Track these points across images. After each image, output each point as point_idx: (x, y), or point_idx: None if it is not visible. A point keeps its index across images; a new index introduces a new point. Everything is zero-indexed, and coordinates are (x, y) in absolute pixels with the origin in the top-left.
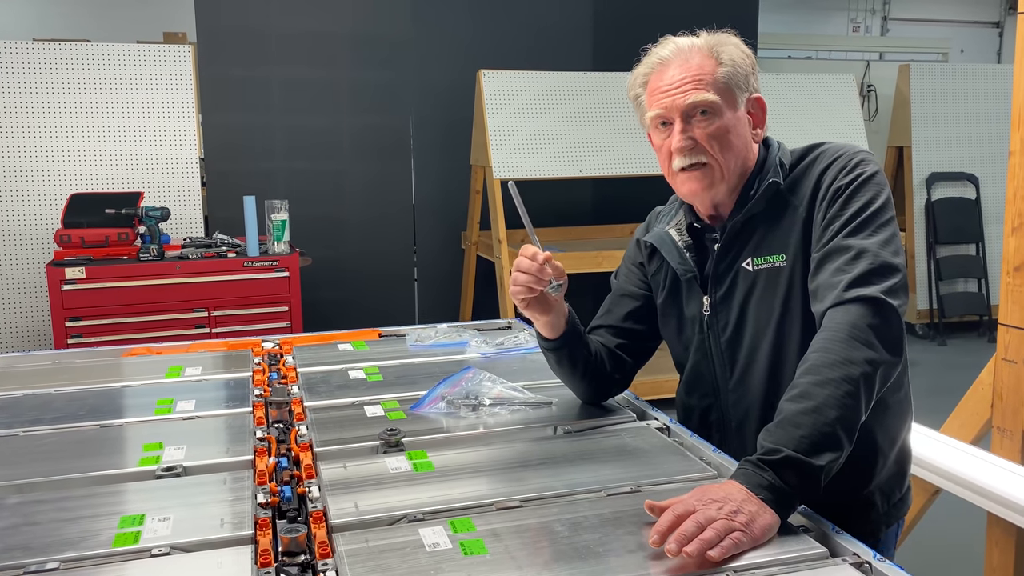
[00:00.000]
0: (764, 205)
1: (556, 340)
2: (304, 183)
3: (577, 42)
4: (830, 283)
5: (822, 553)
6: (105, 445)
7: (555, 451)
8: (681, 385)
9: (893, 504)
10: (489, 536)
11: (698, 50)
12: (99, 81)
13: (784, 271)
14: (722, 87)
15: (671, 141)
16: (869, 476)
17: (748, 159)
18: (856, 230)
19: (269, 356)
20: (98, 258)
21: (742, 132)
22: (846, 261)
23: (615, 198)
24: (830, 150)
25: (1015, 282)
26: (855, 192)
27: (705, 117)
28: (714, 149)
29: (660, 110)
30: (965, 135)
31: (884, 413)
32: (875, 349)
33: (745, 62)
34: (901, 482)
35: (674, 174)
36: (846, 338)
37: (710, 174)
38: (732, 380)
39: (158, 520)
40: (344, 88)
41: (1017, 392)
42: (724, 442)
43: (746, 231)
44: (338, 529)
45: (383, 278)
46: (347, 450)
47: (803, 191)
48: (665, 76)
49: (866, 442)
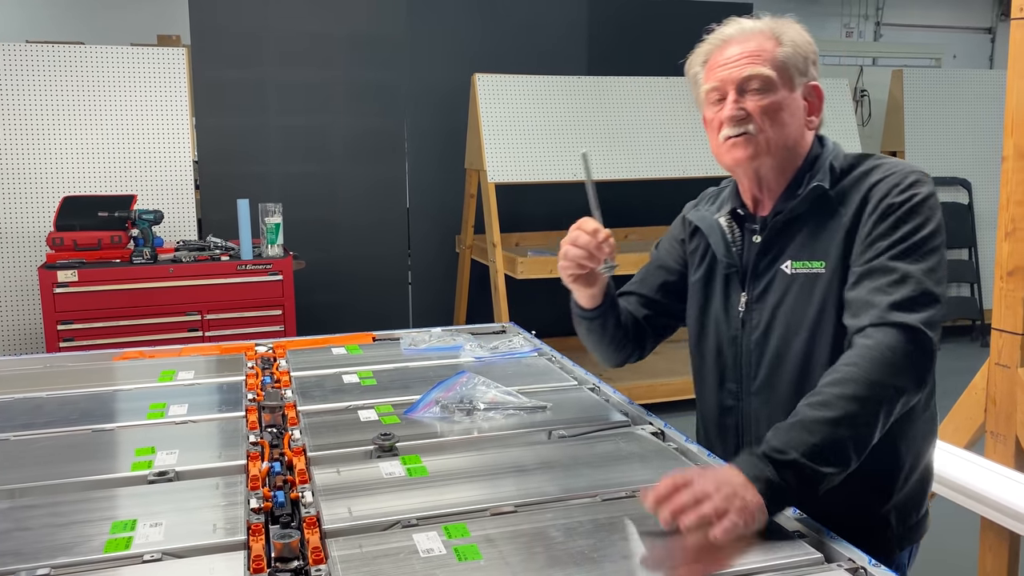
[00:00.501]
0: (807, 207)
1: (594, 311)
2: (298, 186)
3: (572, 47)
4: (870, 301)
5: (817, 559)
6: (97, 450)
7: (549, 456)
8: (701, 381)
9: (909, 527)
10: (483, 542)
11: (760, 31)
12: (92, 83)
13: (822, 279)
14: (779, 65)
15: (722, 113)
16: (888, 494)
17: (800, 144)
18: (904, 253)
19: (262, 360)
20: (90, 261)
21: (796, 113)
22: (890, 283)
23: (611, 202)
24: (886, 165)
25: (1008, 287)
26: (908, 214)
27: (759, 92)
28: (764, 123)
29: (716, 83)
30: (958, 140)
31: (911, 429)
32: (905, 378)
33: (807, 48)
34: (919, 504)
35: (720, 145)
36: (880, 360)
37: (755, 142)
38: (756, 382)
39: (150, 525)
40: (339, 91)
41: (1010, 397)
42: (740, 446)
43: (788, 231)
44: (331, 535)
45: (377, 281)
46: (341, 455)
47: (851, 201)
48: (725, 52)
49: (890, 458)
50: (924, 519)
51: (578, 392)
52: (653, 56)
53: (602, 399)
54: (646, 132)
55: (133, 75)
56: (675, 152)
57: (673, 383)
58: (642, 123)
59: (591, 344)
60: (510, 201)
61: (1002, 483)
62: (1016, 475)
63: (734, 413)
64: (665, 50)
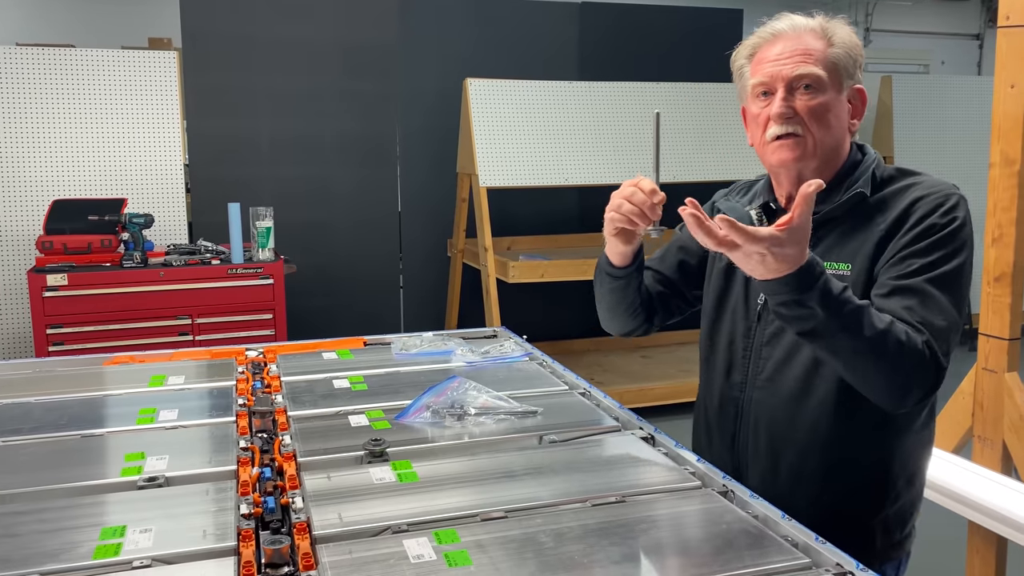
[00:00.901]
0: (844, 211)
1: (624, 269)
2: (289, 190)
3: (563, 52)
4: (904, 317)
5: (805, 563)
6: (86, 455)
7: (540, 461)
8: (709, 370)
9: (892, 543)
10: (474, 547)
11: (811, 29)
12: (83, 86)
13: (846, 280)
14: (830, 66)
15: (769, 109)
16: (879, 505)
17: (842, 147)
18: (941, 280)
19: (253, 365)
20: (80, 265)
21: (841, 116)
22: (923, 305)
23: (601, 207)
24: (928, 181)
25: (995, 292)
26: (948, 238)
27: (808, 91)
28: (812, 123)
29: (764, 78)
30: (947, 146)
31: (907, 442)
32: (911, 380)
33: (856, 50)
34: (905, 522)
35: (766, 143)
36: (908, 343)
37: (803, 144)
38: (763, 376)
39: (139, 532)
40: (330, 94)
41: (997, 401)
42: (735, 438)
43: (820, 232)
44: (322, 540)
45: (369, 286)
46: (331, 460)
47: (891, 211)
48: (775, 48)
49: (884, 467)
50: (908, 538)
51: (569, 397)
52: (643, 62)
53: (592, 404)
54: (635, 137)
55: (124, 78)
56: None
57: (664, 387)
58: (632, 128)
59: (607, 305)
60: (502, 205)
61: (989, 487)
62: (1003, 479)
63: (735, 404)
64: (655, 56)
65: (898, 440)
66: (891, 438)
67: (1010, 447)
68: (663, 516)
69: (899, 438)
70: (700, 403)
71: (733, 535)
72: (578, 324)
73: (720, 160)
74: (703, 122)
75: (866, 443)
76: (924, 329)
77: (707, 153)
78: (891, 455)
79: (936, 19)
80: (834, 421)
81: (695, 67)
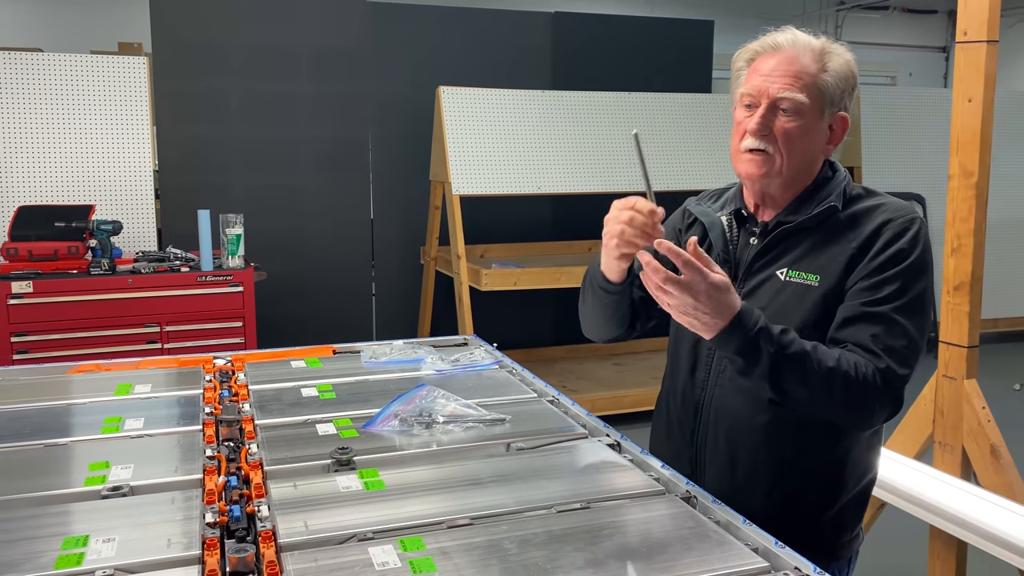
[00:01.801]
0: (816, 223)
1: (620, 284)
2: (260, 197)
3: (536, 61)
4: (863, 341)
5: (764, 567)
6: (49, 465)
7: (507, 468)
8: (674, 366)
9: (842, 543)
10: (439, 554)
11: (811, 50)
12: (51, 91)
13: (813, 291)
14: (816, 92)
15: (749, 122)
16: (830, 504)
17: (811, 168)
18: (909, 310)
19: (220, 373)
20: (46, 272)
21: (816, 140)
22: (889, 333)
23: (574, 215)
24: (894, 204)
25: (955, 301)
26: (914, 265)
27: (788, 115)
28: (784, 145)
29: (752, 91)
30: (913, 157)
31: (854, 444)
32: (869, 408)
33: (848, 81)
34: (854, 523)
35: (739, 152)
36: (866, 379)
37: (770, 162)
38: (725, 374)
39: (103, 541)
40: (302, 101)
41: (957, 408)
42: (695, 433)
43: (791, 242)
44: (287, 548)
45: (340, 293)
46: (298, 469)
47: (861, 231)
48: (770, 61)
49: (833, 469)
50: (856, 538)
51: (538, 404)
52: (616, 72)
53: (561, 411)
54: (608, 146)
55: (93, 83)
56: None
57: (637, 394)
58: (604, 137)
59: (598, 317)
60: (475, 213)
61: (950, 492)
62: (963, 484)
63: (697, 401)
64: (628, 66)
65: (850, 441)
66: (843, 440)
67: (969, 452)
68: (627, 522)
69: (851, 440)
70: (662, 399)
71: (695, 540)
72: (551, 332)
73: (692, 169)
74: (675, 132)
75: (819, 444)
76: (885, 355)
77: (679, 163)
78: (844, 455)
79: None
80: (790, 422)
81: (667, 77)
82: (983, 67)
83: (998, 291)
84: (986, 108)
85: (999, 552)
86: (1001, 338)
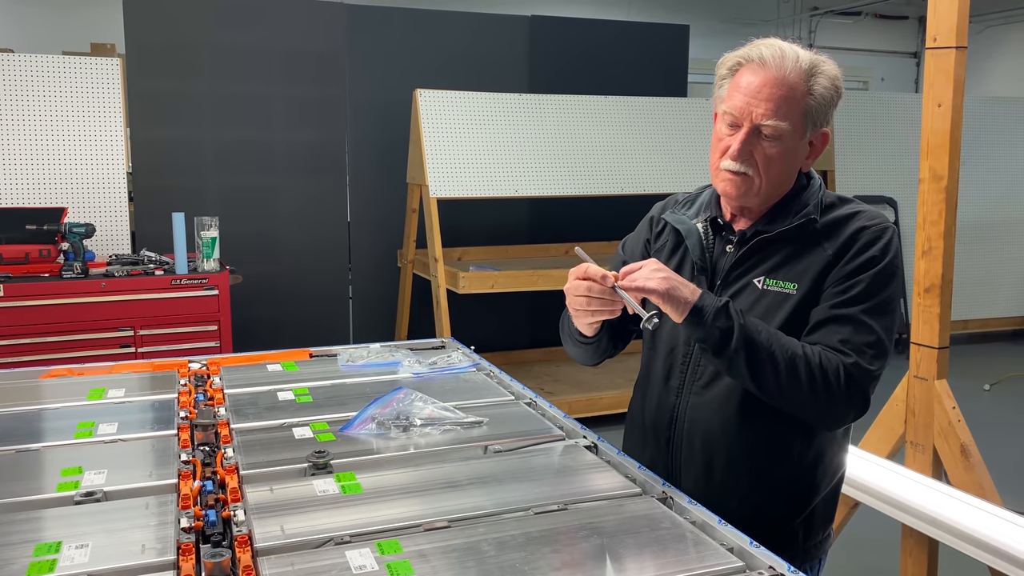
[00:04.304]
0: (794, 233)
1: (593, 337)
2: (236, 199)
3: (513, 65)
4: (832, 342)
5: (739, 567)
6: (20, 470)
7: (484, 471)
8: (648, 374)
9: (815, 543)
10: (416, 557)
11: (798, 71)
12: (22, 93)
13: (791, 300)
14: (799, 116)
15: (730, 141)
16: (803, 505)
17: (789, 182)
18: (877, 312)
19: (195, 377)
20: (17, 275)
21: (796, 159)
22: (857, 333)
23: (551, 218)
24: (868, 212)
25: (925, 303)
26: (884, 271)
27: (769, 140)
28: (764, 169)
29: (734, 111)
30: (885, 160)
31: (827, 447)
32: (838, 403)
33: (831, 99)
34: (826, 521)
35: (718, 170)
36: (835, 370)
37: (748, 184)
38: (700, 382)
39: (75, 547)
40: (278, 103)
41: (928, 408)
42: (670, 441)
43: (768, 250)
44: (263, 553)
45: (317, 296)
46: (274, 473)
47: (836, 239)
48: (755, 76)
49: (807, 472)
50: (828, 539)
51: (515, 407)
52: (592, 75)
53: (538, 413)
54: (585, 149)
55: (65, 84)
56: (615, 169)
57: (613, 396)
58: (581, 141)
59: (579, 354)
60: (452, 216)
61: (921, 491)
62: (934, 483)
63: (671, 407)
64: (604, 70)
65: (823, 446)
66: (816, 443)
67: (940, 452)
68: (604, 523)
69: (824, 443)
70: (635, 407)
71: (672, 540)
72: (529, 334)
73: (667, 173)
74: (651, 135)
75: (793, 449)
76: (853, 353)
77: (654, 166)
78: (817, 459)
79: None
80: (764, 429)
81: (643, 81)
82: (952, 72)
83: (968, 293)
84: (955, 113)
85: (969, 550)
86: (971, 339)
